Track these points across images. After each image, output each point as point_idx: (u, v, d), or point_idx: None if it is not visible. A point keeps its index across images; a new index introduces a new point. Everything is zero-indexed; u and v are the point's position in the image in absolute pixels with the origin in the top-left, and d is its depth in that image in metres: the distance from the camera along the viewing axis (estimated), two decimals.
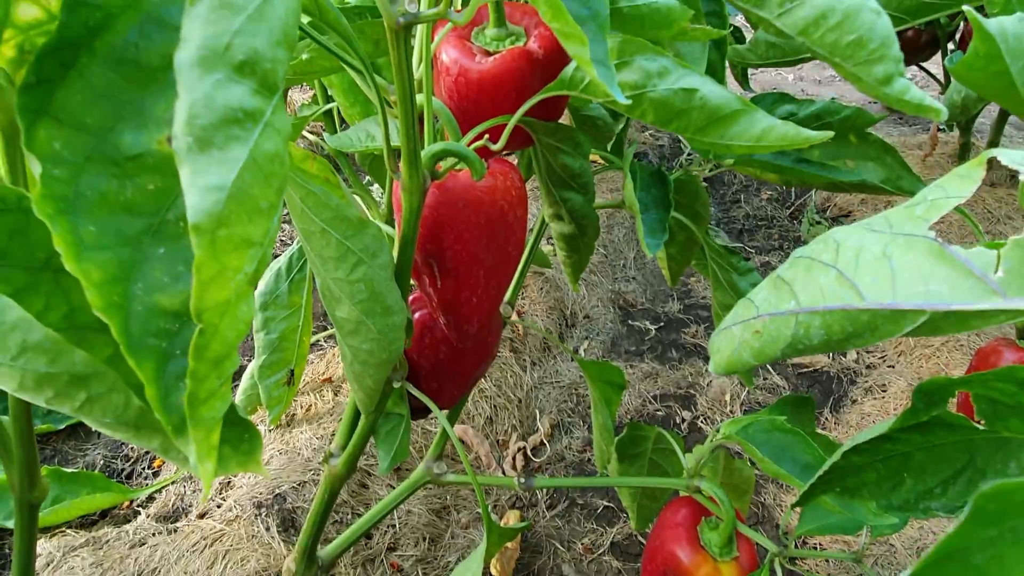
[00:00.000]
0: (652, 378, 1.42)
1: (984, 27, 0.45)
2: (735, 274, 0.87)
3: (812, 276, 0.37)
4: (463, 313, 0.62)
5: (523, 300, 1.54)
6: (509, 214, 0.58)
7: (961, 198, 0.36)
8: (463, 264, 0.58)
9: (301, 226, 0.54)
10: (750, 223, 2.00)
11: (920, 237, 0.34)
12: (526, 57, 0.60)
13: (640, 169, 0.78)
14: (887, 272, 0.34)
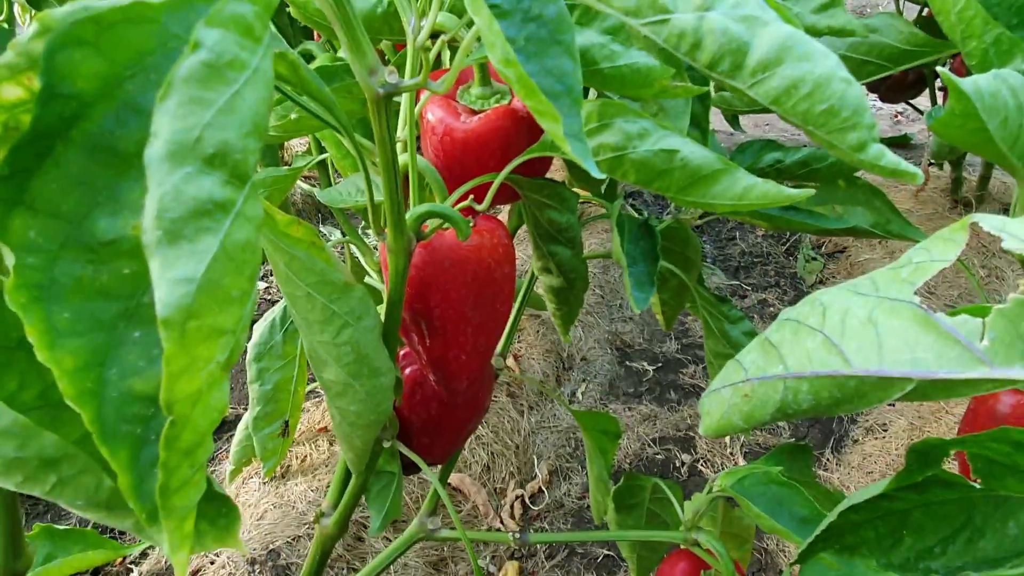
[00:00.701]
0: (651, 421, 1.41)
1: (959, 86, 0.45)
2: (726, 323, 0.87)
3: (799, 340, 0.37)
4: (452, 370, 0.62)
5: (519, 343, 1.54)
6: (496, 272, 0.58)
7: (946, 261, 0.36)
8: (451, 323, 0.58)
9: (286, 290, 0.53)
10: (746, 260, 2.00)
11: (906, 303, 0.34)
12: (511, 115, 0.60)
13: (628, 221, 0.78)
14: (873, 338, 0.34)
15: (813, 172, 0.95)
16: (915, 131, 2.68)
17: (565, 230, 0.62)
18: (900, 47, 0.82)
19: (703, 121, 0.72)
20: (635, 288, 0.71)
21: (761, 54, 0.37)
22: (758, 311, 1.79)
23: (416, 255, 0.56)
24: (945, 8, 0.59)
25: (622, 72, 0.50)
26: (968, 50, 0.61)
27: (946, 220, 1.85)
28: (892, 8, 4.44)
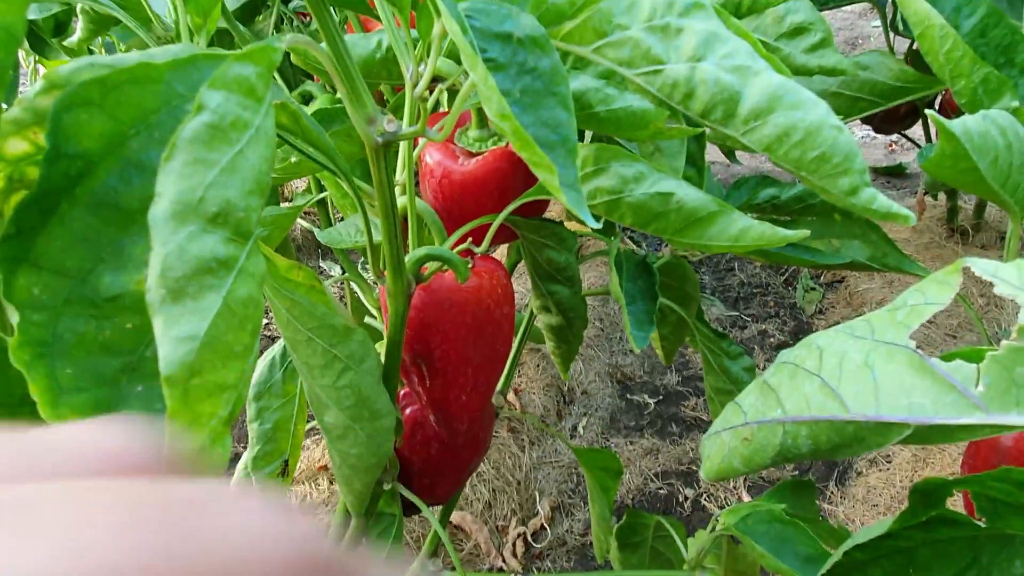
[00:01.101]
0: (653, 455, 1.40)
1: (948, 128, 0.46)
2: (726, 358, 0.87)
3: (797, 384, 0.37)
4: (452, 411, 0.62)
5: (520, 378, 1.54)
6: (495, 312, 0.58)
7: (940, 304, 0.36)
8: (451, 364, 0.58)
9: (287, 335, 0.54)
10: (745, 291, 2.01)
11: (901, 347, 0.34)
12: (508, 157, 0.61)
13: (626, 259, 0.78)
14: (870, 383, 0.34)
15: (809, 207, 0.96)
16: (909, 160, 2.70)
17: (563, 269, 0.63)
18: (891, 84, 0.84)
19: (699, 159, 0.73)
20: (635, 327, 0.72)
21: (753, 103, 0.37)
22: (758, 342, 1.79)
23: (416, 297, 0.56)
24: (934, 49, 0.60)
25: (617, 115, 0.51)
26: (957, 89, 0.62)
27: (943, 249, 1.86)
28: (882, 38, 4.49)
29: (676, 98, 0.39)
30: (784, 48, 0.72)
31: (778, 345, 1.77)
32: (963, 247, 1.85)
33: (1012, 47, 0.64)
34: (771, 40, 0.72)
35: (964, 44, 0.59)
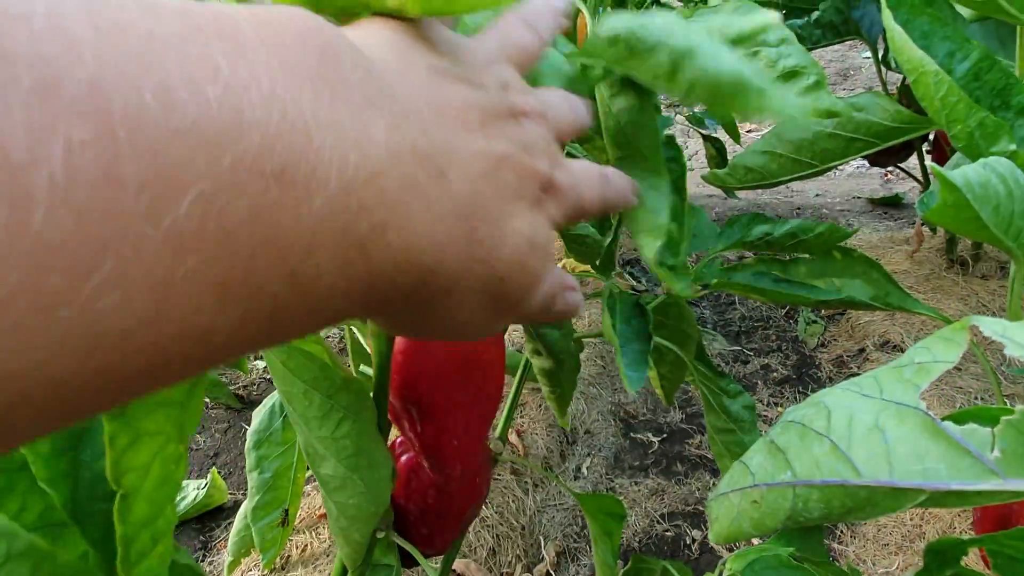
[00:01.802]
0: (658, 495, 1.39)
1: (949, 179, 0.46)
2: (725, 397, 0.86)
3: (806, 445, 0.37)
4: (446, 456, 0.61)
5: (522, 418, 1.52)
6: (484, 354, 0.58)
7: (949, 363, 0.35)
8: (441, 409, 0.58)
9: (283, 388, 0.53)
10: (746, 324, 2.00)
11: (912, 408, 0.34)
12: None
13: (620, 301, 0.78)
14: (881, 446, 0.33)
15: (802, 243, 0.96)
16: (905, 189, 2.72)
17: None
18: (887, 124, 0.84)
19: (680, 211, 0.73)
20: (629, 368, 0.71)
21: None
22: (761, 377, 1.78)
23: (400, 340, 0.55)
24: (929, 95, 0.60)
25: None
26: (954, 133, 0.62)
27: (943, 280, 1.85)
28: (872, 69, 4.52)
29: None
30: (778, 91, 0.72)
31: (781, 380, 1.76)
32: (963, 277, 1.85)
33: (1007, 90, 0.64)
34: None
35: (959, 89, 0.59)
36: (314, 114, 0.20)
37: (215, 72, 0.17)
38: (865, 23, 1.56)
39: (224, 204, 0.17)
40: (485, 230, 0.28)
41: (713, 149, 1.81)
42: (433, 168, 0.25)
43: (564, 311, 0.41)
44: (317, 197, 0.20)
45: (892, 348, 1.72)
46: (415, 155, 0.24)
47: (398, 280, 0.24)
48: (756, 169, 0.93)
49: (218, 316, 0.18)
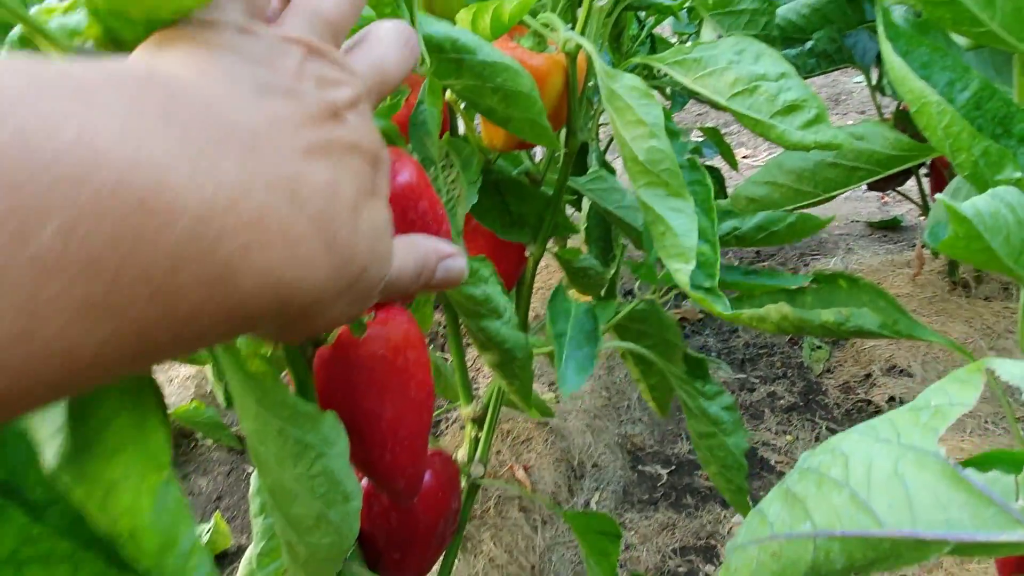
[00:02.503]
0: (669, 530, 1.37)
1: (959, 212, 0.45)
2: (703, 399, 0.84)
3: (824, 494, 0.36)
4: (382, 472, 0.58)
5: (529, 453, 1.51)
6: (397, 359, 0.56)
7: (966, 406, 0.35)
8: (364, 423, 0.55)
9: (254, 429, 0.51)
10: (750, 352, 1.99)
11: (932, 455, 0.33)
12: None
13: (575, 307, 0.78)
14: (902, 495, 0.33)
15: (771, 236, 0.94)
16: (903, 212, 2.72)
17: (484, 302, 0.60)
18: (887, 152, 0.84)
19: (711, 236, 0.73)
20: (575, 371, 0.70)
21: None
22: (768, 404, 1.76)
23: (316, 362, 0.55)
24: (932, 125, 0.60)
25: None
26: (959, 162, 0.61)
27: (947, 303, 1.85)
28: (864, 93, 4.54)
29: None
30: (779, 126, 0.72)
31: (789, 407, 1.74)
32: (966, 299, 1.84)
33: (1008, 118, 0.64)
34: (765, 118, 0.72)
35: (962, 119, 0.59)
36: (166, 151, 0.22)
37: (68, 117, 0.20)
38: (858, 50, 1.57)
39: (86, 232, 0.19)
40: (343, 236, 0.30)
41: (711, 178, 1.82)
42: (284, 191, 0.27)
43: (446, 279, 0.43)
44: (178, 223, 0.21)
45: (899, 373, 1.71)
46: (266, 182, 0.26)
47: (267, 298, 0.26)
48: (759, 199, 0.93)
49: (85, 336, 0.20)
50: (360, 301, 0.34)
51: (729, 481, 0.88)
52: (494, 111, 0.66)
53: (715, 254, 0.74)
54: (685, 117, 4.23)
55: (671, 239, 0.69)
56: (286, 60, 0.32)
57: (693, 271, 0.72)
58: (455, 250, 0.45)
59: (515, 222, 0.98)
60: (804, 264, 2.40)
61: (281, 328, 0.32)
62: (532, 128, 0.67)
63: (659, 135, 0.68)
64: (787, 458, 1.58)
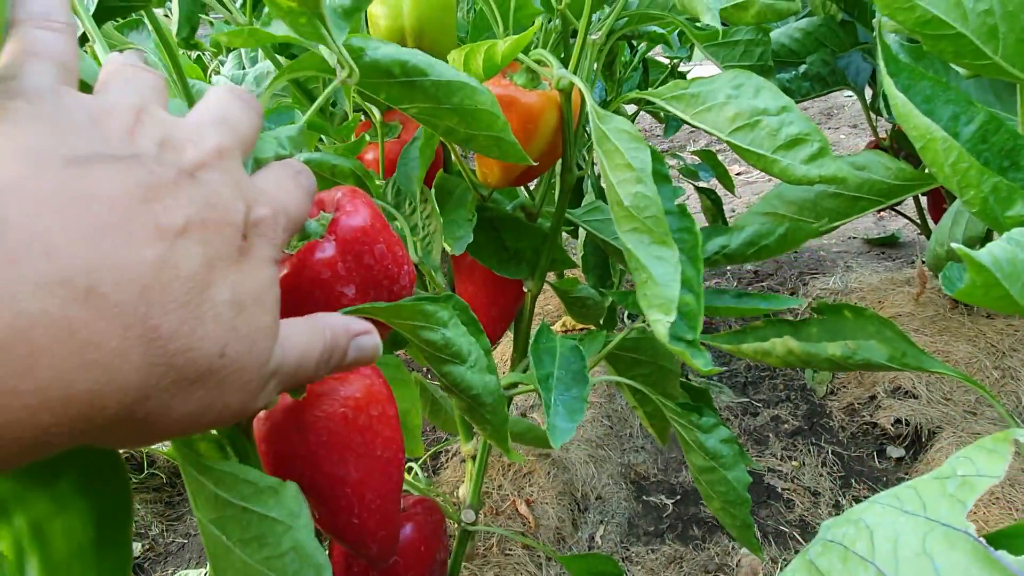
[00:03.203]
0: (677, 563, 1.34)
1: (976, 260, 0.44)
2: (699, 432, 0.82)
3: (849, 570, 0.34)
4: (352, 538, 0.55)
5: (531, 487, 1.48)
6: (359, 419, 0.51)
7: (995, 477, 0.33)
8: (326, 489, 0.52)
9: (211, 517, 0.46)
10: (753, 375, 1.97)
11: (961, 532, 0.31)
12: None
13: (560, 344, 0.76)
14: (932, 575, 0.31)
15: (762, 250, 0.92)
16: (899, 227, 2.71)
17: (444, 347, 0.57)
18: (890, 182, 0.82)
19: (696, 282, 0.71)
20: (565, 420, 0.66)
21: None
22: (772, 429, 1.74)
23: (256, 430, 0.50)
24: (938, 162, 0.59)
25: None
26: (967, 199, 0.60)
27: (949, 321, 1.83)
28: (855, 107, 4.54)
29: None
30: (782, 160, 0.71)
31: (793, 432, 1.72)
32: (968, 318, 1.83)
33: (1016, 151, 0.63)
34: (768, 153, 0.71)
35: (969, 155, 0.57)
36: None
37: None
38: (851, 72, 1.56)
39: None
40: (170, 323, 0.26)
41: (708, 200, 1.81)
42: (69, 290, 0.24)
43: (359, 358, 0.40)
44: None
45: (904, 394, 1.69)
46: (35, 285, 0.23)
47: (55, 413, 0.24)
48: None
49: None
50: (241, 390, 0.30)
51: (733, 517, 0.85)
52: (454, 131, 0.63)
53: (699, 305, 0.71)
54: (676, 136, 4.24)
55: (652, 288, 0.67)
56: (114, 117, 0.29)
57: (677, 322, 0.69)
58: (366, 326, 0.42)
59: (512, 258, 0.96)
60: (803, 283, 2.38)
61: (118, 437, 0.28)
62: (498, 145, 0.64)
63: (646, 181, 0.66)
64: (794, 484, 1.55)
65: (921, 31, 0.60)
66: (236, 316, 0.29)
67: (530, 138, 0.80)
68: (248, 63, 1.30)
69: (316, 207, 0.53)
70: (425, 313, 0.54)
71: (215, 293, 0.28)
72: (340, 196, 0.53)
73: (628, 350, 0.96)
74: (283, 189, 0.36)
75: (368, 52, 0.55)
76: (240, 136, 0.34)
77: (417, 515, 0.72)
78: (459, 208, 0.89)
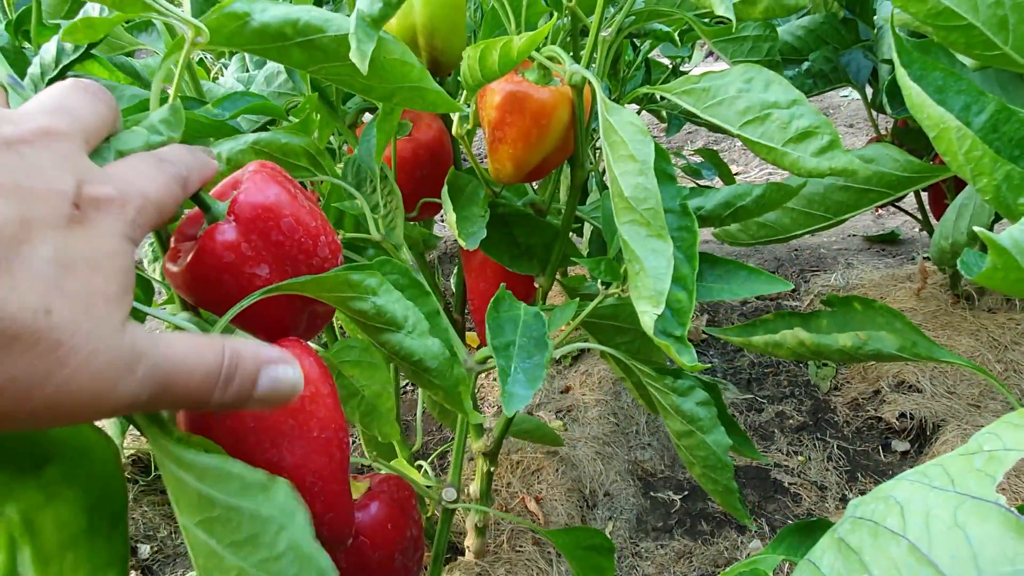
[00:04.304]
0: (686, 558, 1.34)
1: (997, 243, 0.45)
2: (675, 396, 0.80)
3: (881, 546, 0.34)
4: None
5: (540, 484, 1.49)
6: (298, 402, 0.48)
7: (1021, 451, 0.33)
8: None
9: (198, 519, 0.43)
10: (756, 371, 1.98)
11: (991, 504, 0.32)
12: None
13: (524, 313, 0.74)
14: (965, 548, 0.31)
15: (740, 210, 0.89)
16: (899, 223, 2.72)
17: (376, 316, 0.54)
18: (898, 175, 0.83)
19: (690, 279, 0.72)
20: (524, 387, 0.65)
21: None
22: (777, 425, 1.75)
23: (180, 422, 0.48)
24: (952, 150, 0.60)
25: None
26: (980, 187, 0.61)
27: (951, 316, 1.84)
28: (852, 107, 4.54)
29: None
30: (792, 153, 0.72)
31: (798, 427, 1.73)
32: (970, 312, 1.84)
33: None
34: (778, 146, 0.72)
35: (982, 144, 0.58)
36: None
37: None
38: (852, 68, 1.57)
39: None
40: None
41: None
42: None
43: (274, 393, 0.38)
44: None
45: (908, 388, 1.70)
46: None
47: None
48: (770, 224, 0.92)
49: None
50: (89, 365, 0.30)
51: (715, 482, 0.82)
52: (371, 88, 0.59)
53: (690, 302, 0.71)
54: (676, 137, 4.25)
55: (644, 280, 0.67)
56: None
57: (666, 317, 0.69)
58: (284, 356, 0.39)
59: (523, 254, 0.97)
60: (804, 280, 2.39)
61: None
62: (421, 96, 0.60)
63: (647, 173, 0.66)
64: (800, 479, 1.56)
65: (933, 22, 0.61)
66: (62, 276, 0.30)
67: (543, 134, 0.81)
68: (253, 65, 1.31)
69: (229, 187, 0.52)
70: (351, 283, 0.51)
71: (31, 250, 0.29)
72: (244, 172, 0.51)
73: (607, 318, 0.93)
74: (138, 173, 0.37)
75: (255, 16, 0.51)
76: (79, 123, 0.36)
77: (383, 493, 0.69)
78: (471, 205, 0.90)
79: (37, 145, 0.32)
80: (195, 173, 0.43)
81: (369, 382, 0.84)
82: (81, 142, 0.36)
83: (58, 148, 0.33)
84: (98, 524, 0.42)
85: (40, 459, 0.41)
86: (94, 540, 0.42)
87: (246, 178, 0.50)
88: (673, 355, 0.66)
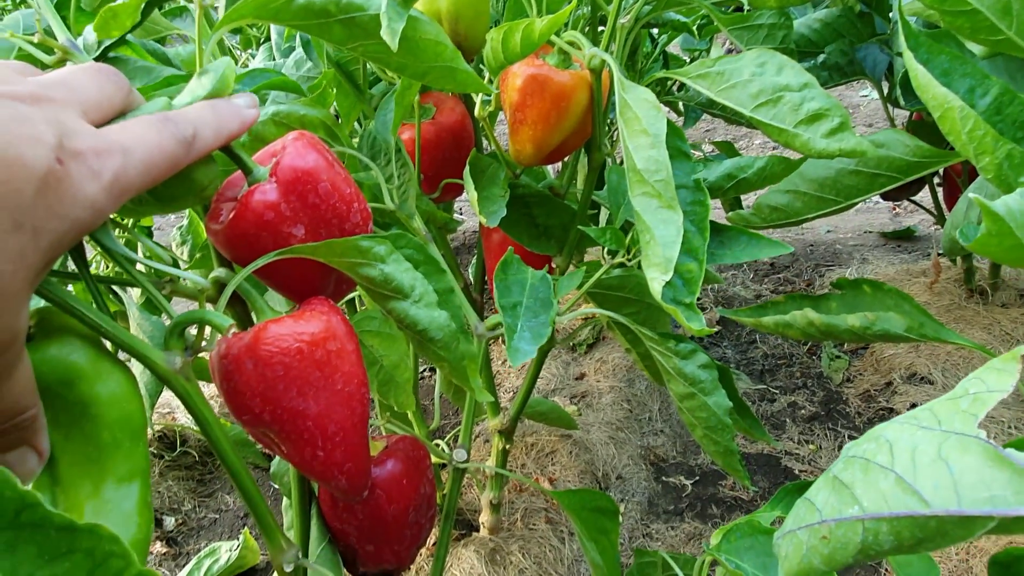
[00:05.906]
0: (696, 540, 1.37)
1: (991, 209, 0.47)
2: (678, 359, 0.82)
3: (871, 479, 0.37)
4: (320, 471, 0.55)
5: (554, 465, 1.52)
6: (316, 353, 0.51)
7: (1003, 391, 0.36)
8: (289, 424, 0.52)
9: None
10: (769, 363, 2.00)
11: (973, 438, 0.34)
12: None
13: (532, 277, 0.76)
14: (947, 477, 0.34)
15: (742, 183, 0.92)
16: (915, 222, 2.73)
17: (384, 283, 0.56)
18: (908, 159, 0.86)
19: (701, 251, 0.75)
20: (529, 342, 0.68)
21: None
22: (789, 415, 1.77)
23: (214, 369, 0.52)
24: (955, 130, 0.62)
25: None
26: (983, 165, 0.63)
27: (964, 310, 1.85)
28: (871, 107, 4.51)
29: None
30: (803, 134, 0.74)
31: (810, 417, 1.75)
32: (984, 307, 1.85)
33: None
34: (789, 127, 0.74)
35: (985, 123, 0.61)
36: None
37: None
38: (868, 63, 1.59)
39: None
40: None
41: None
42: None
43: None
44: None
45: (920, 380, 1.72)
46: None
47: None
48: (781, 208, 0.95)
49: None
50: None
51: (716, 443, 0.84)
52: (406, 67, 0.61)
53: (700, 271, 0.73)
54: (694, 133, 4.26)
55: (653, 248, 0.69)
56: None
57: (677, 285, 0.72)
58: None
59: (542, 234, 1.00)
60: (819, 275, 2.41)
61: None
62: (452, 76, 0.61)
63: (659, 146, 0.69)
64: (811, 467, 1.58)
65: (940, 7, 0.64)
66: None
67: (562, 116, 0.84)
68: (279, 54, 1.35)
69: (269, 155, 0.55)
70: (360, 249, 0.53)
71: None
72: (286, 140, 0.55)
73: (613, 288, 0.95)
74: (127, 132, 0.40)
75: None
76: (76, 95, 0.39)
77: (399, 451, 0.72)
78: (492, 185, 0.93)
79: (28, 103, 0.36)
80: (207, 130, 0.45)
81: (388, 352, 0.87)
82: (77, 112, 0.38)
83: (49, 109, 0.36)
84: (120, 439, 0.46)
85: (69, 381, 0.45)
86: (117, 452, 0.46)
87: (287, 144, 0.54)
88: (681, 320, 0.69)
